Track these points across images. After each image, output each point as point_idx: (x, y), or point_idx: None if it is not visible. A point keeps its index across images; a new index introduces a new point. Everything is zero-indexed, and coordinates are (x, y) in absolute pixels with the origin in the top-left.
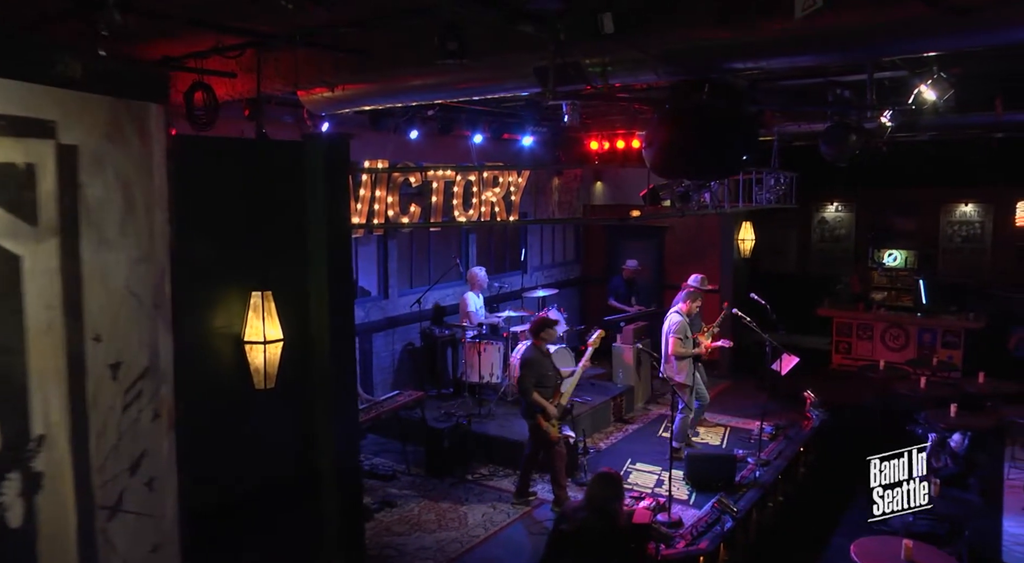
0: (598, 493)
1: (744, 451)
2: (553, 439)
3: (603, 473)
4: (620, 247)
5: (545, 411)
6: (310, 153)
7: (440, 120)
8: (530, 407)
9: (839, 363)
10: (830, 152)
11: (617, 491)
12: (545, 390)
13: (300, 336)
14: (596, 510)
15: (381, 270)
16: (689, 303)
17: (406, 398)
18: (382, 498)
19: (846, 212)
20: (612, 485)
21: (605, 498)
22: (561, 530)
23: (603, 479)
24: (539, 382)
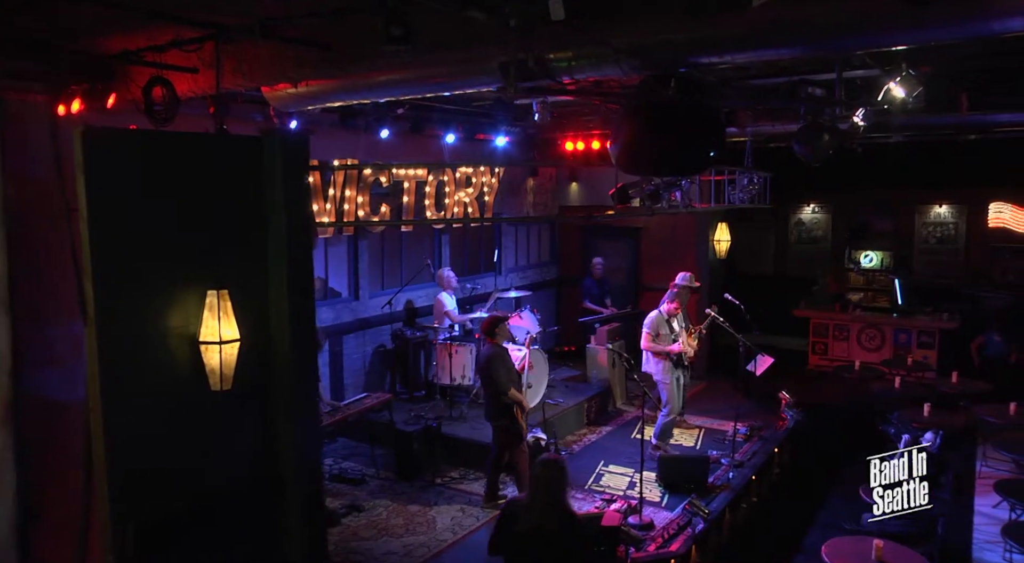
0: (543, 482)
1: (718, 452)
2: (522, 435)
3: (545, 459)
4: (595, 249)
5: (521, 404)
6: (268, 149)
7: (411, 119)
8: (501, 407)
9: (816, 364)
10: (804, 152)
11: (563, 476)
12: (515, 385)
13: (259, 336)
14: (547, 505)
15: (352, 271)
16: (676, 302)
17: (373, 401)
18: (350, 502)
19: (823, 213)
20: (556, 470)
21: (551, 486)
22: (515, 532)
23: (546, 466)
24: (509, 376)
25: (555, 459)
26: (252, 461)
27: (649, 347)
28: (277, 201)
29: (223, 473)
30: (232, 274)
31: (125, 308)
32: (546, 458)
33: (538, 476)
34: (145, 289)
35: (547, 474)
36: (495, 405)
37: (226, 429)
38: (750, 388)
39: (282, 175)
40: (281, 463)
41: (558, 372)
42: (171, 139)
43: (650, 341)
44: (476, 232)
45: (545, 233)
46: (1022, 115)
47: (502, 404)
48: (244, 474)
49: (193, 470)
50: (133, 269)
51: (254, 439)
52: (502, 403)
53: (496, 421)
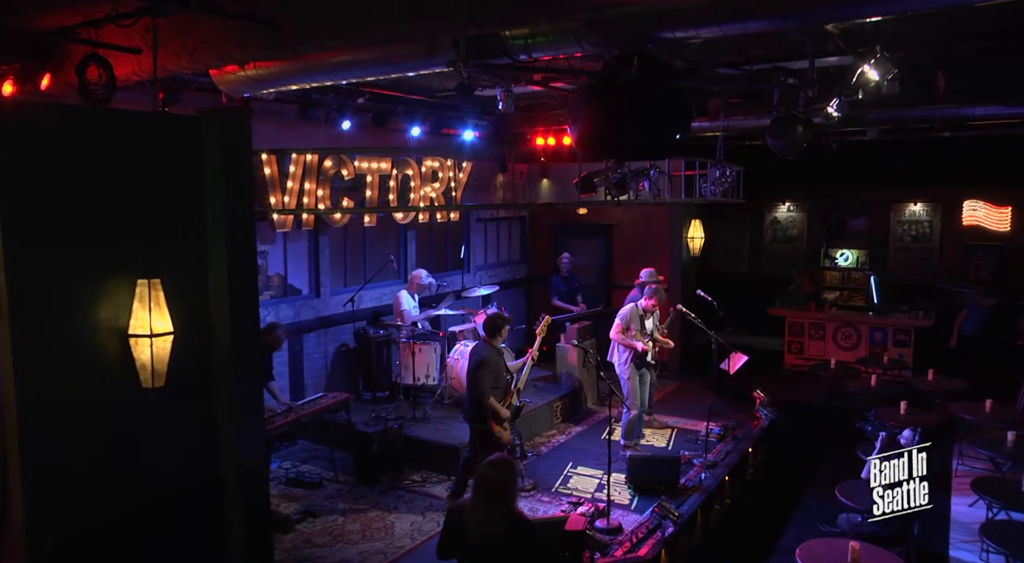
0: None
1: (690, 453)
2: (505, 442)
3: (492, 460)
4: (566, 246)
5: (497, 415)
6: (206, 129)
7: (373, 111)
8: (481, 411)
9: (791, 363)
10: (778, 145)
11: (510, 479)
12: (497, 391)
13: (198, 330)
14: (493, 510)
15: (312, 268)
16: (654, 299)
17: (329, 400)
18: (305, 508)
19: (798, 212)
20: (502, 471)
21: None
22: (462, 540)
23: (492, 467)
24: (494, 383)
25: (501, 460)
26: (191, 464)
27: (617, 338)
28: (216, 185)
29: (158, 477)
30: (167, 263)
31: (43, 299)
32: (493, 459)
33: (483, 478)
34: (67, 278)
35: (493, 476)
36: (475, 408)
37: (162, 429)
38: (724, 387)
39: (221, 157)
40: (223, 466)
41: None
42: (98, 116)
43: (619, 332)
44: (443, 229)
45: (515, 231)
46: (996, 108)
47: (481, 408)
48: (182, 478)
49: (124, 474)
50: (53, 256)
51: (193, 440)
52: (481, 407)
53: (473, 423)
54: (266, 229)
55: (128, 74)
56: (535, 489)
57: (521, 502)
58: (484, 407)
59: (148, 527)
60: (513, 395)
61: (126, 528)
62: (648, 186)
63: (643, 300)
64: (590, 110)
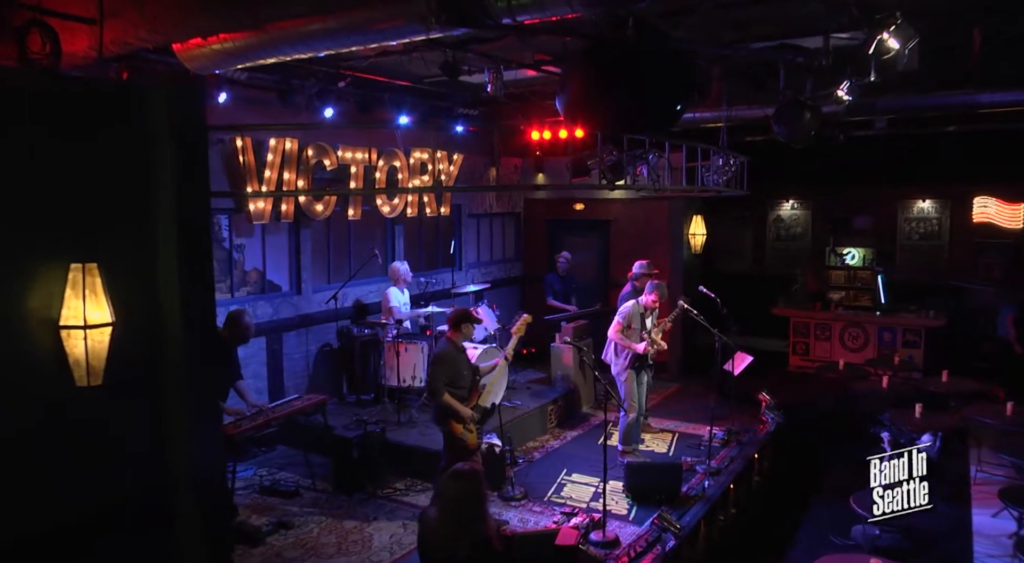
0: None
1: (692, 459)
2: (471, 446)
3: (456, 471)
4: (562, 243)
5: (458, 414)
6: (154, 101)
7: (357, 98)
8: (442, 411)
9: (797, 365)
10: (784, 132)
11: (477, 493)
12: (459, 390)
13: (146, 320)
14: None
15: (293, 263)
16: (655, 295)
17: (304, 402)
18: (278, 518)
19: (802, 210)
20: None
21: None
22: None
23: (457, 479)
24: (452, 381)
25: (468, 471)
26: (139, 471)
27: (616, 337)
28: (164, 161)
29: (99, 486)
30: (109, 246)
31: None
32: (455, 469)
33: (443, 492)
34: None
35: (453, 491)
36: (436, 408)
37: (102, 433)
38: (727, 389)
39: (170, 132)
40: (175, 473)
41: (523, 374)
42: (22, 76)
43: (619, 332)
44: (433, 224)
45: (510, 227)
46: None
47: (441, 409)
48: (130, 487)
49: (58, 484)
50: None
51: (140, 445)
52: (440, 408)
53: (440, 426)
54: (243, 221)
55: (85, 50)
56: (526, 498)
57: (510, 512)
58: (439, 405)
59: (87, 543)
60: (479, 395)
61: (61, 544)
62: (647, 171)
63: (645, 296)
64: (580, 76)
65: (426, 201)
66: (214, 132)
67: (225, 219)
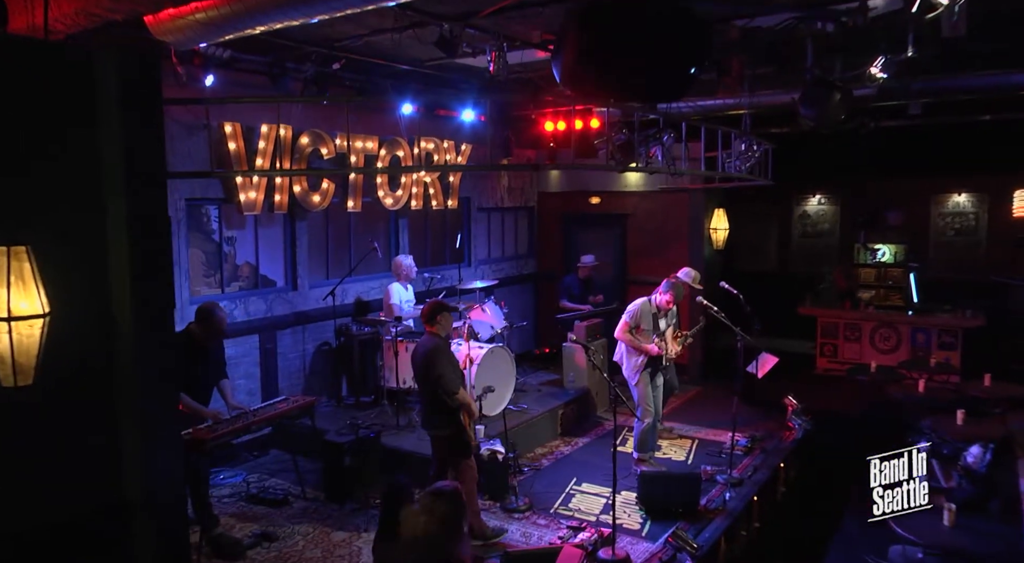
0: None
1: (712, 468)
2: (473, 446)
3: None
4: (577, 239)
5: (470, 409)
6: (102, 69)
7: (356, 84)
8: (444, 412)
9: (824, 367)
10: (811, 115)
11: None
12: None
13: (92, 316)
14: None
15: (288, 257)
16: (670, 295)
17: (289, 405)
18: (263, 529)
19: (830, 205)
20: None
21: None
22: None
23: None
24: (456, 374)
25: (448, 491)
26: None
27: (623, 338)
28: (114, 137)
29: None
30: (45, 229)
31: None
32: (437, 488)
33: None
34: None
35: (433, 511)
36: (436, 409)
37: (37, 441)
38: (751, 393)
39: (120, 104)
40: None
41: (535, 376)
42: None
43: (626, 332)
44: (440, 217)
45: (522, 222)
46: None
47: (446, 408)
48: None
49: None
50: None
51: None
52: (446, 407)
53: (437, 429)
54: (233, 212)
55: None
56: (530, 509)
57: (513, 524)
58: (451, 404)
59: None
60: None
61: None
62: (661, 153)
63: (659, 296)
64: (579, 34)
65: (432, 193)
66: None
67: (215, 210)
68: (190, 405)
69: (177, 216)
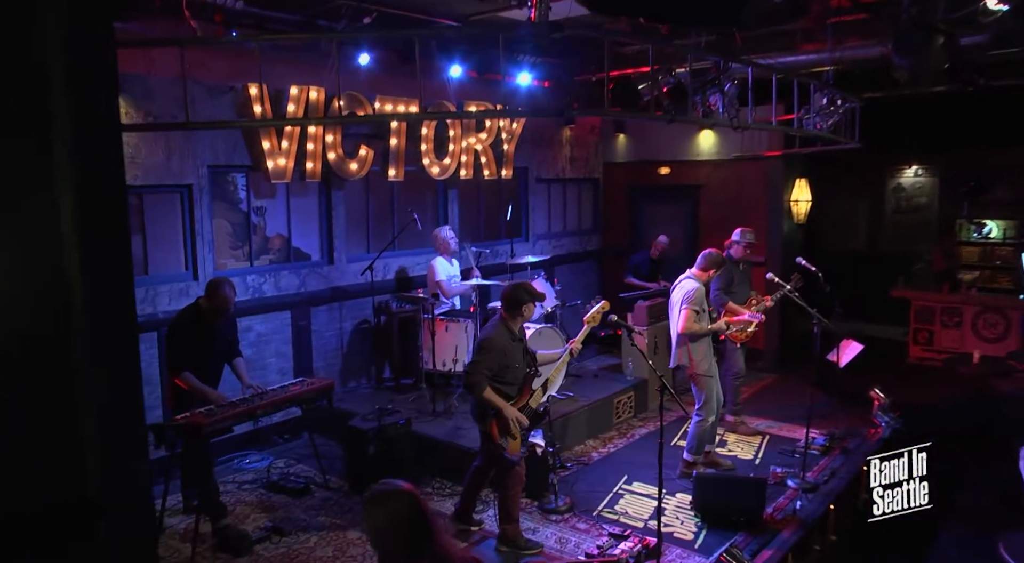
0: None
1: (783, 469)
2: (512, 455)
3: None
4: (645, 213)
5: (501, 415)
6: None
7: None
8: (482, 408)
9: (918, 356)
10: (906, 65)
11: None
12: (506, 387)
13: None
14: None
15: (324, 229)
16: (712, 271)
17: (304, 387)
18: (276, 522)
19: (928, 176)
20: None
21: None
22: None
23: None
24: (499, 374)
25: (394, 492)
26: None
27: (693, 329)
28: (57, 80)
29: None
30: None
31: None
32: (380, 489)
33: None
34: None
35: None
36: (476, 403)
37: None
38: (830, 384)
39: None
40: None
41: (595, 361)
42: None
43: (694, 321)
44: (494, 188)
45: (586, 194)
46: None
47: (480, 404)
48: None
49: None
50: None
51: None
52: (480, 403)
53: (480, 423)
54: (261, 181)
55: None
56: (570, 511)
57: (548, 528)
58: (479, 401)
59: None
60: (533, 395)
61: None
62: (721, 102)
63: (698, 271)
64: None
65: (484, 162)
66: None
67: (242, 178)
68: (194, 384)
69: (200, 184)
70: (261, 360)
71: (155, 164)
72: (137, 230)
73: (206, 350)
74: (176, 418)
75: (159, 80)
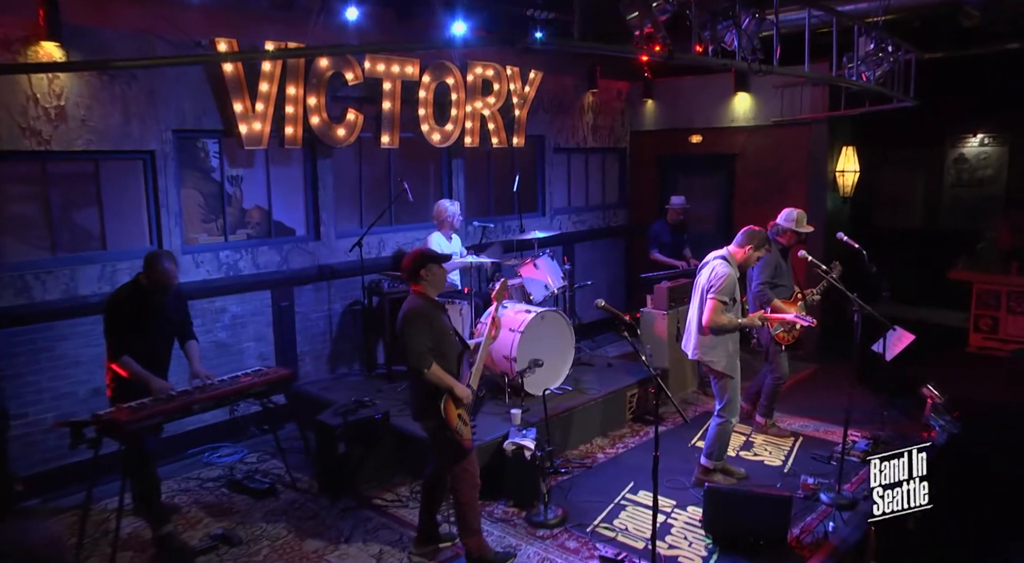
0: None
1: (815, 480)
2: (466, 445)
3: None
4: (676, 186)
5: (453, 393)
6: None
7: None
8: (424, 395)
9: (979, 345)
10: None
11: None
12: (444, 362)
13: None
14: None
15: (309, 201)
16: (750, 250)
17: (255, 378)
18: (228, 529)
19: (995, 146)
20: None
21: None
22: None
23: None
24: (436, 347)
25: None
26: None
27: (716, 323)
28: None
29: None
30: None
31: None
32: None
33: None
34: None
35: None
36: (417, 393)
37: None
38: (875, 378)
39: None
40: None
41: (615, 347)
42: None
43: (720, 313)
44: (505, 157)
45: (612, 165)
46: None
47: (428, 392)
48: None
49: None
50: None
51: None
52: (428, 390)
53: (421, 419)
54: (236, 147)
55: None
56: (562, 525)
57: (533, 546)
58: (424, 381)
59: None
60: (471, 375)
61: None
62: (738, 41)
63: (736, 249)
64: None
65: (492, 129)
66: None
67: (214, 144)
68: (135, 370)
69: (164, 150)
70: (237, 344)
71: (111, 128)
72: (93, 201)
73: (150, 332)
74: (98, 413)
75: (116, 33)
